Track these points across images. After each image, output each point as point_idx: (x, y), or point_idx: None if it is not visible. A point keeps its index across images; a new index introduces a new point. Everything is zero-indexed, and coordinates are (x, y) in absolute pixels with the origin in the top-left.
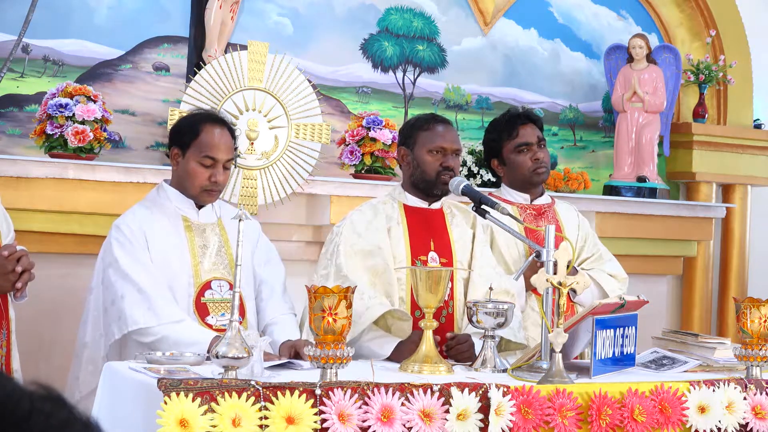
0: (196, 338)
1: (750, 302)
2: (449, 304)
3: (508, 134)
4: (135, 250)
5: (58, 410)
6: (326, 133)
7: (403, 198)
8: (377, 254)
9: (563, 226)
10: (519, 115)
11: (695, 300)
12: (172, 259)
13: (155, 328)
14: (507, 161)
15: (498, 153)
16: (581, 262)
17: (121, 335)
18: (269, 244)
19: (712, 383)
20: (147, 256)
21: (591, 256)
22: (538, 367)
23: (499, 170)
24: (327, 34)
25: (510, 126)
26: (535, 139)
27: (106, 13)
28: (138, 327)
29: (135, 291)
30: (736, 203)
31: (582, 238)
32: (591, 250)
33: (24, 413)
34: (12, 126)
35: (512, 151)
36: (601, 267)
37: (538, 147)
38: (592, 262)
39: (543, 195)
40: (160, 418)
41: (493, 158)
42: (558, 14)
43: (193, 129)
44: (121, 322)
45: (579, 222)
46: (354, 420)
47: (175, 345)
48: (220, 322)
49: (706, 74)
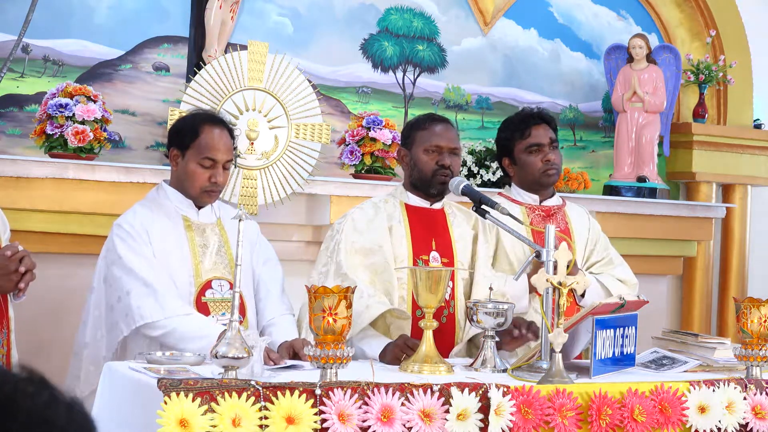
0: (204, 331)
1: (750, 302)
2: (450, 304)
3: (520, 134)
4: (138, 246)
5: (40, 391)
6: (326, 133)
7: (405, 197)
8: (378, 253)
9: (572, 228)
10: (532, 115)
11: (695, 300)
12: (173, 258)
13: (163, 321)
14: (518, 161)
15: (509, 152)
16: (590, 265)
17: (129, 331)
18: (267, 244)
19: (712, 383)
20: (150, 251)
21: (601, 260)
22: (538, 367)
23: (510, 169)
24: (327, 34)
25: (522, 125)
26: (547, 140)
27: (106, 13)
28: (145, 322)
29: (141, 285)
30: (736, 203)
31: (592, 241)
32: (601, 253)
33: (7, 395)
34: (12, 126)
35: (523, 151)
36: (610, 271)
37: (550, 148)
38: (602, 266)
39: (553, 196)
40: (160, 418)
41: (504, 157)
42: (558, 14)
43: (192, 130)
44: (128, 318)
45: (590, 225)
46: (354, 420)
47: (183, 338)
48: (220, 321)
49: (706, 74)
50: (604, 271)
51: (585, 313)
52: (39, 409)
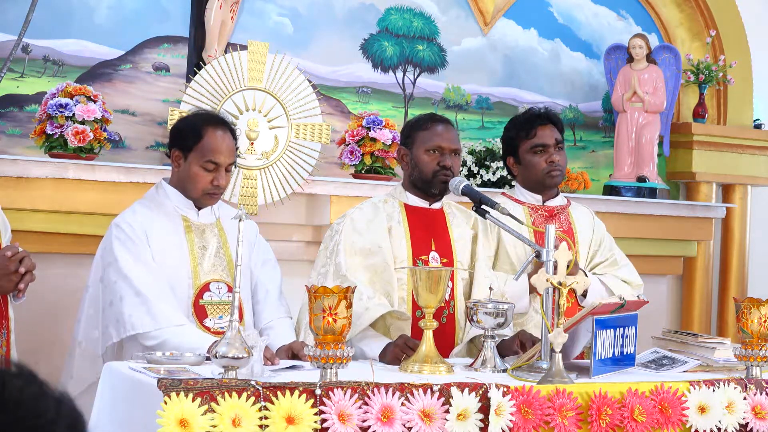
0: (196, 344)
1: (750, 302)
2: (450, 304)
3: (525, 133)
4: (137, 248)
5: (29, 385)
6: (326, 133)
7: (404, 197)
8: (377, 253)
9: (576, 229)
10: (539, 115)
11: (695, 300)
12: (171, 259)
13: (154, 332)
14: (522, 161)
15: (514, 151)
16: (594, 266)
17: (119, 339)
18: (266, 245)
19: (712, 383)
20: (149, 253)
21: (605, 261)
22: (538, 367)
23: (515, 168)
24: (327, 34)
25: (528, 125)
26: (552, 141)
27: (106, 13)
28: (136, 332)
29: (133, 294)
30: (736, 203)
31: (596, 242)
32: (605, 254)
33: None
34: (12, 126)
35: (528, 151)
36: (614, 272)
37: (555, 149)
38: (606, 267)
39: (557, 196)
40: (160, 418)
41: (509, 156)
42: (558, 14)
43: (195, 132)
44: (119, 325)
45: (594, 225)
46: (354, 420)
47: (175, 350)
48: (218, 324)
49: (706, 74)
50: (609, 272)
51: (585, 313)
52: (28, 402)
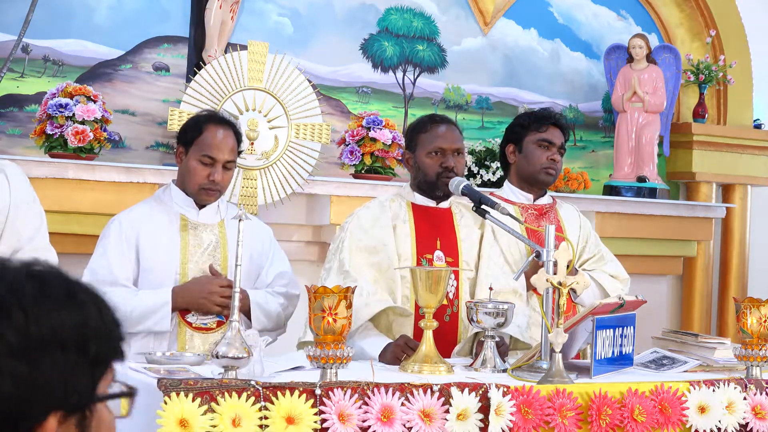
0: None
1: (750, 302)
2: (454, 303)
3: (536, 126)
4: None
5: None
6: (326, 133)
7: (411, 197)
8: (382, 251)
9: (564, 227)
10: (554, 116)
11: (695, 300)
12: (161, 255)
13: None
14: (524, 149)
15: (519, 139)
16: (582, 262)
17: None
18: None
19: (712, 383)
20: (127, 256)
21: (592, 257)
22: (538, 367)
23: (512, 157)
24: (327, 34)
25: (541, 120)
26: (558, 142)
27: (106, 13)
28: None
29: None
30: (736, 203)
31: (583, 239)
32: (592, 250)
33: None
34: (12, 126)
35: (534, 141)
36: (602, 268)
37: (558, 151)
38: (594, 263)
39: (545, 195)
40: (160, 418)
41: (511, 143)
42: (558, 14)
43: (196, 127)
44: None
45: (580, 223)
46: (354, 420)
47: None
48: (200, 320)
49: (706, 74)
50: (596, 268)
51: (585, 313)
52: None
